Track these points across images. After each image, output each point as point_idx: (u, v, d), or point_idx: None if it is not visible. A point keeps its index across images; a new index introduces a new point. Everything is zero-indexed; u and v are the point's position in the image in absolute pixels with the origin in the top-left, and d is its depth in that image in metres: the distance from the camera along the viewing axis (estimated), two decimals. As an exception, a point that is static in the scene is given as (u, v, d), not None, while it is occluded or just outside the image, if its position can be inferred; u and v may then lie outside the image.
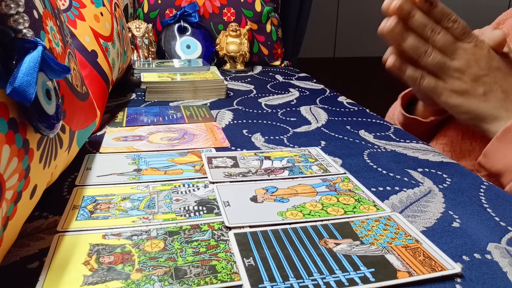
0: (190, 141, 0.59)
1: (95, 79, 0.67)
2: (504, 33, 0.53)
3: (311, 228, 0.37)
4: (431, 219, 0.40)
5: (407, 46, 0.55)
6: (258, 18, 1.24)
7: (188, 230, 0.36)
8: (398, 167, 0.52)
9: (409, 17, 0.53)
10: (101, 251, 0.33)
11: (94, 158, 0.51)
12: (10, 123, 0.28)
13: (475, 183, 0.47)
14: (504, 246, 0.35)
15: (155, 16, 1.24)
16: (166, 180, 0.46)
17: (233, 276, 0.31)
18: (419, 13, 0.53)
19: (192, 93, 0.85)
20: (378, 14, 0.61)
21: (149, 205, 0.40)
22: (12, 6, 0.28)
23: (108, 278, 0.30)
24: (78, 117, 0.45)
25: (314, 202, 0.42)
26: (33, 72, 0.28)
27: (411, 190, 0.46)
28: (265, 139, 0.61)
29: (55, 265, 0.31)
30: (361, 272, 0.31)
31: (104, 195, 0.42)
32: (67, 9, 0.67)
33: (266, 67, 1.26)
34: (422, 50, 0.54)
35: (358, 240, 0.35)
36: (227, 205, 0.40)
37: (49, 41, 0.37)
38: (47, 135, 0.33)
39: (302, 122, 0.70)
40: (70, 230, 0.36)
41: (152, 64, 1.00)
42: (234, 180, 0.46)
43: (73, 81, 0.44)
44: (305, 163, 0.51)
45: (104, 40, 0.72)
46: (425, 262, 0.32)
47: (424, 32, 0.54)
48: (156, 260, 0.32)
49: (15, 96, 0.28)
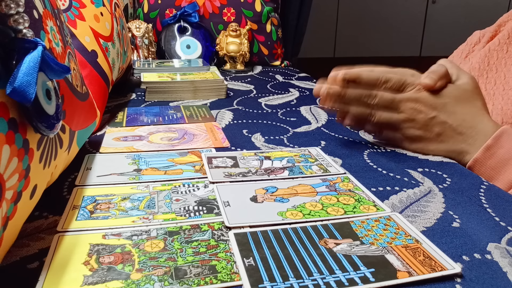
0: (190, 141, 0.59)
1: (95, 79, 0.67)
2: (431, 79, 0.54)
3: (311, 228, 0.37)
4: (431, 219, 0.40)
5: (353, 115, 0.58)
6: (258, 18, 1.24)
7: (188, 230, 0.36)
8: (398, 167, 0.52)
9: (342, 96, 0.57)
10: (101, 251, 0.33)
11: (94, 158, 0.51)
12: (10, 123, 0.28)
13: (475, 183, 0.47)
14: (504, 246, 0.35)
15: (155, 16, 1.24)
16: (166, 180, 0.46)
17: (233, 276, 0.31)
18: (349, 90, 0.56)
19: (192, 93, 0.85)
20: (378, 14, 0.61)
21: (149, 205, 0.40)
22: (12, 6, 0.28)
23: (108, 278, 0.30)
24: (78, 117, 0.45)
25: (314, 202, 0.42)
26: (33, 72, 0.28)
27: (411, 190, 0.45)
28: (265, 139, 0.61)
29: (55, 265, 0.31)
30: (361, 272, 0.31)
31: (104, 195, 0.42)
32: (67, 9, 0.67)
33: (266, 67, 1.26)
34: (367, 113, 0.57)
35: (358, 240, 0.35)
36: (227, 205, 0.40)
37: (49, 41, 0.37)
38: (47, 135, 0.33)
39: (302, 122, 0.70)
40: (70, 230, 0.36)
41: (152, 64, 1.00)
42: (234, 180, 0.46)
43: (73, 81, 0.44)
44: (305, 163, 0.51)
45: (104, 40, 0.72)
46: (425, 262, 0.32)
47: (362, 100, 0.56)
48: (156, 260, 0.32)
49: (15, 96, 0.28)
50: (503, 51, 0.68)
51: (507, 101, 0.62)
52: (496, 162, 0.50)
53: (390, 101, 0.55)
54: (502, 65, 0.67)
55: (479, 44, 0.74)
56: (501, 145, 0.50)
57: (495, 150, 0.50)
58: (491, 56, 0.68)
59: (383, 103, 0.56)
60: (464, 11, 2.88)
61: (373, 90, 0.56)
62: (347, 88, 0.56)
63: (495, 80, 0.66)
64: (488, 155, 0.51)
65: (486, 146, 0.51)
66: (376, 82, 0.55)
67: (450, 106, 0.54)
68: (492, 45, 0.69)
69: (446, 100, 0.54)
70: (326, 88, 0.57)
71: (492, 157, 0.50)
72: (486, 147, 0.51)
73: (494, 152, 0.50)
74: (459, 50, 0.79)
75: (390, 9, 2.83)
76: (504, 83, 0.65)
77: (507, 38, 0.68)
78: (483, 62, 0.69)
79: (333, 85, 0.57)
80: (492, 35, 0.72)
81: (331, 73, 0.57)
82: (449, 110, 0.54)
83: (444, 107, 0.54)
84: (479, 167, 0.52)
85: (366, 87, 0.56)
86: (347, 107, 0.58)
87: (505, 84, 0.64)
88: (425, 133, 0.55)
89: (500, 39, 0.69)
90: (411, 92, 0.55)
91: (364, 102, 0.57)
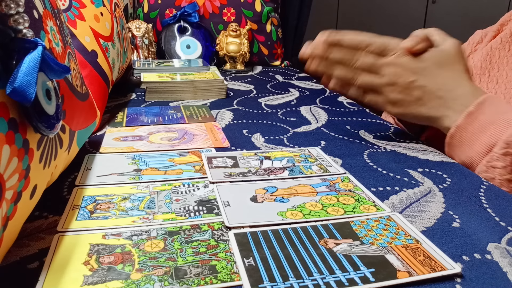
0: (190, 141, 0.59)
1: (95, 79, 0.67)
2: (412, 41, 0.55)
3: (311, 228, 0.37)
4: (431, 219, 0.40)
5: (336, 77, 0.59)
6: (258, 18, 1.24)
7: (188, 230, 0.36)
8: (398, 167, 0.52)
9: (325, 56, 0.58)
10: (101, 251, 0.33)
11: (94, 158, 0.51)
12: (10, 123, 0.28)
13: (475, 183, 0.47)
14: (504, 246, 0.35)
15: (155, 16, 1.24)
16: (166, 180, 0.46)
17: (233, 276, 0.31)
18: (333, 51, 0.58)
19: (192, 93, 0.85)
20: (378, 14, 0.62)
21: (149, 205, 0.40)
22: (12, 6, 0.28)
23: (108, 278, 0.30)
24: (78, 117, 0.45)
25: (314, 202, 0.42)
26: (33, 72, 0.28)
27: (411, 190, 0.45)
28: (265, 139, 0.61)
29: (55, 265, 0.31)
30: (361, 272, 0.31)
31: (104, 195, 0.42)
32: (67, 9, 0.67)
33: (266, 67, 1.26)
34: (350, 77, 0.58)
35: (358, 240, 0.35)
36: (227, 205, 0.40)
37: (49, 41, 0.37)
38: (47, 135, 0.33)
39: (302, 122, 0.70)
40: (70, 230, 0.36)
41: (152, 64, 1.00)
42: (234, 180, 0.46)
43: (73, 81, 0.44)
44: (305, 163, 0.51)
45: (104, 40, 0.72)
46: (425, 262, 0.32)
47: (345, 63, 0.58)
48: (156, 260, 0.32)
49: (15, 96, 0.28)
50: (505, 49, 0.68)
51: (508, 100, 0.62)
52: (477, 127, 0.51)
53: (371, 64, 0.56)
54: (504, 63, 0.67)
55: (482, 43, 0.74)
56: (483, 111, 0.51)
57: (477, 116, 0.51)
58: (493, 55, 0.69)
59: (364, 67, 0.57)
60: (464, 11, 2.88)
61: (355, 54, 0.57)
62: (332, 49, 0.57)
63: (497, 78, 0.66)
64: (470, 121, 0.51)
65: (468, 112, 0.51)
66: (358, 46, 0.56)
67: (430, 70, 0.54)
68: (494, 43, 0.69)
69: (426, 64, 0.55)
70: (312, 47, 0.58)
71: (473, 123, 0.51)
72: (468, 113, 0.51)
73: (476, 118, 0.51)
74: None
75: (390, 9, 2.83)
76: (506, 81, 0.65)
77: (509, 37, 0.68)
78: (485, 60, 0.69)
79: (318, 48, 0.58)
80: (495, 34, 0.72)
81: (317, 36, 0.58)
82: (429, 74, 0.54)
83: (424, 71, 0.54)
84: (461, 132, 0.52)
85: (348, 51, 0.57)
86: (330, 69, 0.59)
87: (507, 82, 0.64)
88: (405, 96, 0.56)
89: (502, 38, 0.69)
90: (392, 57, 0.56)
91: (347, 65, 0.57)
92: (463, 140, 0.52)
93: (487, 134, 0.49)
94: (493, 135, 0.49)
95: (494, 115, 0.50)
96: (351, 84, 0.59)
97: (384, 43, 0.56)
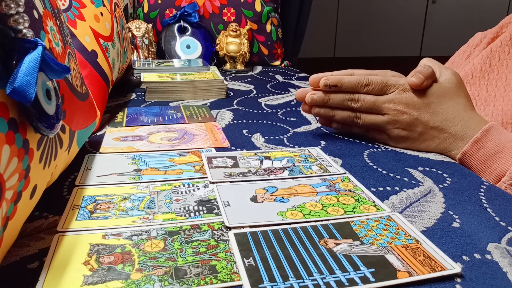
0: (190, 141, 0.59)
1: (95, 79, 0.67)
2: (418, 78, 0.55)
3: (311, 228, 0.37)
4: (431, 219, 0.40)
5: (338, 120, 0.60)
6: (258, 18, 1.24)
7: (188, 230, 0.36)
8: (398, 167, 0.52)
9: (326, 102, 0.58)
10: (101, 251, 0.33)
11: (94, 158, 0.51)
12: (10, 123, 0.28)
13: (475, 183, 0.47)
14: (504, 246, 0.35)
15: (155, 16, 1.24)
16: (166, 180, 0.46)
17: (233, 276, 0.31)
18: (332, 95, 0.58)
19: (192, 93, 0.85)
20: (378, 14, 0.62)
21: (149, 205, 0.40)
22: (12, 6, 0.28)
23: (108, 278, 0.30)
24: (78, 117, 0.45)
25: (314, 202, 0.42)
26: (33, 72, 0.28)
27: (411, 190, 0.45)
28: (265, 139, 0.61)
29: (55, 265, 0.31)
30: (361, 272, 0.31)
31: (104, 195, 0.42)
32: (67, 9, 0.67)
33: (266, 67, 1.26)
34: (352, 118, 0.59)
35: (358, 240, 0.35)
36: (227, 205, 0.40)
37: (49, 41, 0.37)
38: (47, 135, 0.33)
39: (302, 122, 0.70)
40: (70, 230, 0.36)
41: (152, 64, 1.00)
42: (234, 180, 0.46)
43: (73, 81, 0.44)
44: (305, 163, 0.51)
45: (104, 40, 0.72)
46: (425, 262, 0.32)
47: (346, 104, 0.58)
48: (156, 260, 0.32)
49: (15, 96, 0.28)
50: (505, 52, 0.68)
51: (507, 103, 0.62)
52: (484, 155, 0.51)
53: (372, 103, 0.56)
54: (504, 66, 0.67)
55: (480, 45, 0.75)
56: (490, 139, 0.51)
57: (483, 144, 0.51)
58: (492, 58, 0.69)
59: (366, 106, 0.57)
60: (464, 11, 2.88)
61: (355, 94, 0.57)
62: (330, 94, 0.58)
63: (496, 81, 0.67)
64: (477, 148, 0.51)
65: (475, 140, 0.51)
66: (358, 86, 0.56)
67: (434, 105, 0.55)
68: (494, 46, 0.69)
69: (430, 100, 0.55)
70: (311, 94, 0.58)
71: (480, 150, 0.51)
72: (475, 140, 0.51)
73: (483, 146, 0.51)
74: (461, 51, 0.79)
75: (390, 9, 2.83)
76: (505, 84, 0.65)
77: (509, 40, 0.68)
78: (484, 63, 0.69)
79: (316, 91, 0.58)
80: (494, 37, 0.73)
81: (311, 78, 0.59)
82: (431, 109, 0.54)
83: (427, 107, 0.55)
84: (468, 160, 0.52)
85: (348, 89, 0.57)
86: (332, 111, 0.59)
87: (506, 85, 0.65)
88: (409, 133, 0.56)
89: (502, 41, 0.69)
90: (393, 94, 0.56)
91: (348, 106, 0.58)
92: (471, 167, 0.52)
93: (496, 163, 0.50)
94: (502, 165, 0.49)
95: (501, 143, 0.50)
96: (354, 123, 0.59)
97: (383, 81, 0.56)
